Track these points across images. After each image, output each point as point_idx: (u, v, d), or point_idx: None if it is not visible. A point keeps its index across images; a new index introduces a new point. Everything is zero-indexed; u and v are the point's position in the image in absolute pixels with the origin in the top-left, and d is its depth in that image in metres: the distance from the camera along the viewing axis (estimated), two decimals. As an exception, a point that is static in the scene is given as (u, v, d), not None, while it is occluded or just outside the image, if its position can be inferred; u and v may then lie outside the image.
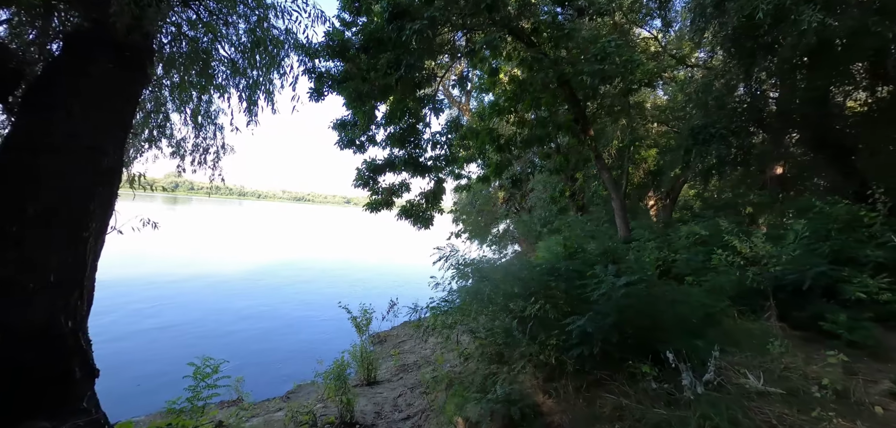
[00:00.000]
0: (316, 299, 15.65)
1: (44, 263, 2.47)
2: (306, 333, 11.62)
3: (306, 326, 12.21)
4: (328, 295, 16.24)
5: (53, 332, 2.45)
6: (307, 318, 13.03)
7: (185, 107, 7.23)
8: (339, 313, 12.91)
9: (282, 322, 12.43)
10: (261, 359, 9.82)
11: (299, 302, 15.06)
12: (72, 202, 2.67)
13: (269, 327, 11.83)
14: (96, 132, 2.97)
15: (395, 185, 9.40)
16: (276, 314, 13.24)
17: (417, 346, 8.78)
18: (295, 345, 10.70)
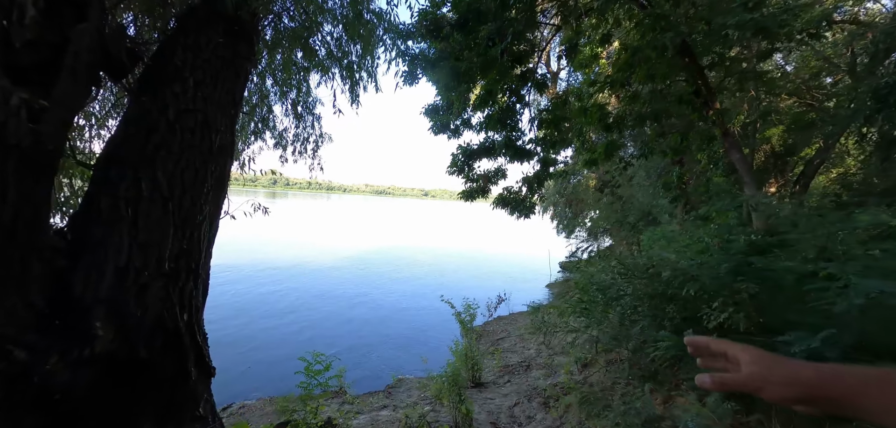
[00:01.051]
0: (409, 289, 15.69)
1: (159, 249, 2.20)
2: (401, 323, 11.55)
3: (401, 316, 12.17)
4: (421, 285, 16.21)
5: (169, 325, 2.18)
6: (402, 308, 13.02)
7: (287, 98, 7.25)
8: (432, 304, 12.70)
9: (377, 311, 12.55)
10: (357, 346, 9.88)
11: (393, 292, 15.20)
12: (186, 182, 2.40)
13: (364, 316, 11.98)
14: (209, 107, 2.71)
15: (491, 171, 8.75)
16: (371, 303, 13.43)
17: (518, 344, 8.10)
18: (390, 335, 10.65)
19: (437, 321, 11.89)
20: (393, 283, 16.54)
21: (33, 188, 1.94)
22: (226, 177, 2.77)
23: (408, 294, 14.90)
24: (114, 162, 2.29)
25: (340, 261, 21.03)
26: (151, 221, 2.22)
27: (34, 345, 1.83)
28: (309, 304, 12.98)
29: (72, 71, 2.16)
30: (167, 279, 2.23)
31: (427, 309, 12.98)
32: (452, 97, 8.05)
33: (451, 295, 15.74)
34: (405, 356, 9.25)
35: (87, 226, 2.12)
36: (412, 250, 26.85)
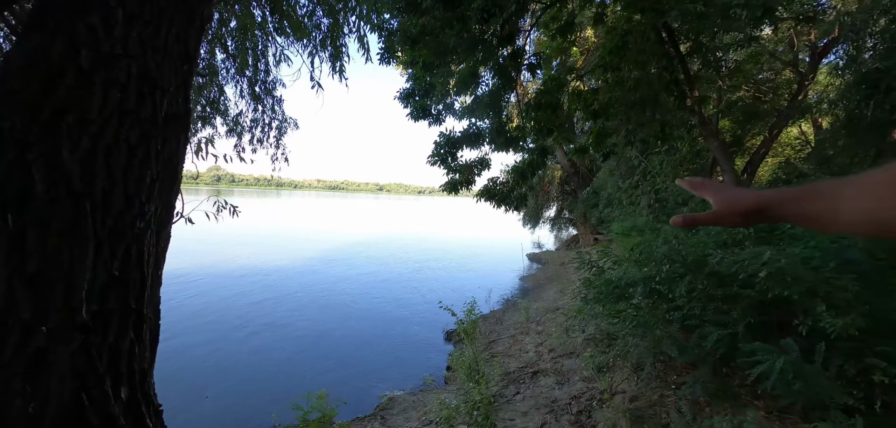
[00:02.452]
0: (379, 289, 14.70)
1: (67, 283, 1.27)
2: (375, 327, 10.61)
3: (374, 319, 11.22)
4: (392, 284, 15.26)
5: (91, 415, 1.26)
6: (375, 310, 12.05)
7: (243, 74, 6.16)
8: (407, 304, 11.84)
9: (348, 316, 11.50)
10: (328, 357, 8.85)
11: (362, 293, 14.14)
12: (114, 167, 1.46)
13: (333, 322, 10.92)
14: (149, 54, 1.76)
15: (475, 161, 8.05)
16: (339, 306, 12.35)
17: (513, 346, 7.49)
18: (365, 341, 9.70)
19: (413, 321, 11.08)
20: (361, 283, 15.47)
21: None
22: (179, 161, 1.83)
23: (379, 294, 13.93)
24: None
25: (299, 262, 19.56)
26: (53, 234, 1.28)
27: None
28: (265, 310, 11.69)
29: None
30: (86, 334, 1.30)
31: (401, 308, 12.12)
32: (434, 78, 7.24)
33: (424, 292, 14.96)
34: (385, 365, 8.38)
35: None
36: (376, 247, 25.73)
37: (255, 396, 7.07)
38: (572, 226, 26.53)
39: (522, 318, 8.99)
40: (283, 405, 6.15)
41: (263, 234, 29.70)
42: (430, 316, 11.15)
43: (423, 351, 9.11)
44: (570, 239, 25.46)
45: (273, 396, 7.05)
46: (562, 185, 25.30)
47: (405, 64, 8.31)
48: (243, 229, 28.94)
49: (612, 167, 15.25)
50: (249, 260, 18.57)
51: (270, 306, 12.07)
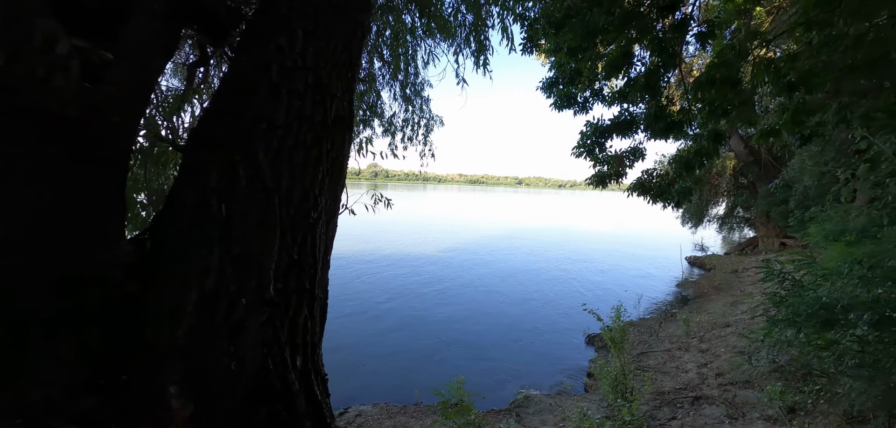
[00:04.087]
0: (520, 284, 14.67)
1: (260, 265, 1.49)
2: (515, 321, 10.61)
3: (515, 313, 11.24)
4: (533, 280, 15.09)
5: (275, 383, 1.45)
6: (515, 303, 12.08)
7: (396, 79, 6.64)
8: (547, 300, 11.44)
9: (485, 306, 11.78)
10: (468, 345, 9.16)
11: (503, 287, 14.32)
12: (295, 165, 1.67)
13: (474, 311, 11.29)
14: (322, 64, 1.98)
15: (627, 151, 7.26)
16: (479, 298, 12.73)
17: (668, 362, 6.57)
18: (503, 334, 9.76)
19: (553, 320, 10.68)
20: (500, 276, 15.63)
21: (90, 177, 1.33)
22: (344, 159, 2.02)
23: (518, 288, 13.87)
24: (203, 143, 1.64)
25: (442, 251, 20.74)
26: (251, 223, 1.51)
27: (84, 417, 1.21)
28: (411, 295, 12.71)
29: (147, 11, 1.53)
30: (272, 309, 1.51)
31: (541, 305, 11.82)
32: (580, 63, 6.74)
33: (565, 290, 14.34)
34: (521, 361, 8.27)
35: (169, 233, 1.48)
36: (516, 241, 25.69)
37: (399, 373, 7.76)
38: (749, 226, 22.02)
39: (681, 331, 7.81)
40: (425, 384, 6.57)
41: (411, 224, 32.50)
42: (572, 316, 10.59)
43: (562, 352, 8.69)
44: (744, 242, 21.17)
45: (415, 375, 7.63)
46: (735, 176, 21.20)
47: (548, 52, 7.96)
48: (394, 220, 32.12)
49: (814, 153, 12.07)
50: (398, 248, 20.52)
51: (416, 291, 13.12)
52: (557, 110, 7.11)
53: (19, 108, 1.18)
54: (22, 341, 1.14)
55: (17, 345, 1.13)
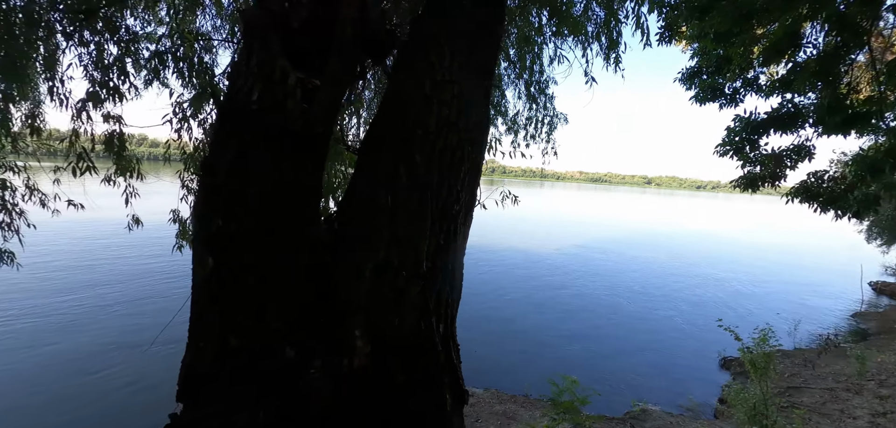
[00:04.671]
0: (652, 288, 13.66)
1: (416, 246, 1.83)
2: (636, 328, 9.97)
3: (640, 317, 10.56)
4: (666, 290, 13.90)
5: (425, 340, 1.78)
6: (642, 309, 11.34)
7: (520, 78, 6.78)
8: (681, 307, 10.49)
9: (609, 305, 11.27)
10: (587, 343, 8.92)
11: (630, 288, 13.51)
12: (443, 165, 1.98)
13: (596, 306, 10.91)
14: (465, 77, 2.27)
15: (787, 149, 6.21)
16: (602, 295, 12.22)
17: (829, 402, 5.49)
18: (622, 341, 9.25)
19: (682, 333, 9.70)
20: (626, 278, 14.67)
21: (304, 174, 1.81)
22: (481, 159, 2.28)
23: (644, 294, 12.88)
24: (373, 145, 2.06)
25: (563, 249, 20.21)
26: (409, 212, 1.86)
27: (303, 345, 1.68)
28: (534, 289, 12.73)
29: (339, 49, 1.98)
30: (424, 282, 1.84)
31: (669, 316, 10.82)
32: (730, 49, 5.99)
33: (700, 303, 12.79)
34: (640, 370, 7.76)
35: (350, 216, 1.92)
36: (645, 244, 23.69)
37: (512, 364, 7.94)
38: None
39: (852, 369, 6.39)
40: (536, 378, 6.65)
41: (533, 221, 32.25)
42: (704, 334, 9.47)
43: (689, 371, 7.89)
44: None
45: (527, 368, 7.73)
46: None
47: (690, 38, 7.24)
48: (517, 216, 32.24)
49: None
50: (519, 244, 20.62)
51: (535, 286, 13.12)
52: (699, 104, 6.41)
53: (266, 124, 1.70)
54: (270, 286, 1.65)
55: (270, 290, 1.64)
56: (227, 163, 1.63)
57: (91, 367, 7.00)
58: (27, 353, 7.23)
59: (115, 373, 6.88)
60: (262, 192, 1.65)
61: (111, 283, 11.31)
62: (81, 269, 12.02)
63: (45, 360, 7.04)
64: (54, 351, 7.38)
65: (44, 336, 7.86)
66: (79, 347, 7.65)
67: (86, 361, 7.14)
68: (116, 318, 9.14)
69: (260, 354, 1.65)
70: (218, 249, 1.64)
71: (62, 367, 6.89)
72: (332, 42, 2.01)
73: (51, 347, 7.56)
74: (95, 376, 6.72)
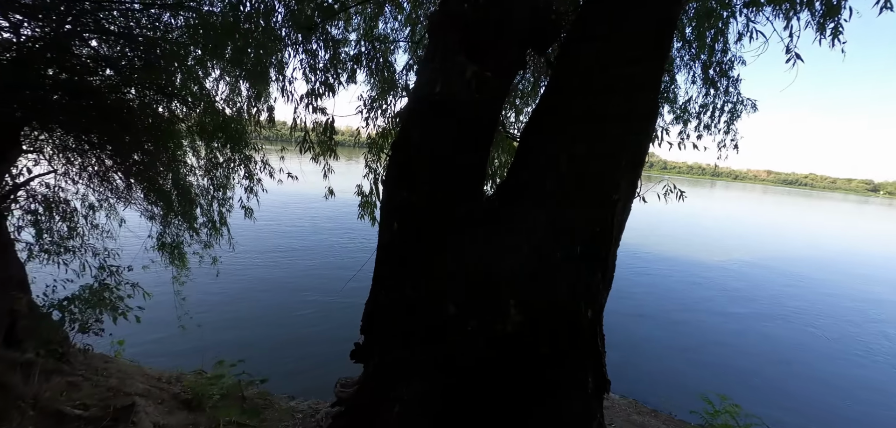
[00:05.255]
0: (839, 323, 10.90)
1: (572, 230, 1.90)
2: (831, 363, 8.05)
3: (834, 355, 8.55)
4: (867, 326, 10.90)
5: (572, 320, 1.86)
6: (838, 345, 9.18)
7: (696, 60, 6.03)
8: None
9: (796, 332, 9.37)
10: (763, 371, 7.62)
11: (827, 316, 11.01)
12: (603, 153, 1.99)
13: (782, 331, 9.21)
14: (632, 63, 2.20)
15: None
16: (791, 319, 10.23)
17: None
18: (813, 372, 7.60)
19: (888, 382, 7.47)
20: (819, 309, 11.86)
21: (474, 157, 2.05)
22: (645, 149, 2.19)
23: (843, 335, 10.24)
24: (535, 133, 2.18)
25: (744, 264, 17.27)
26: (567, 198, 1.94)
27: (462, 304, 1.93)
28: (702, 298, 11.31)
29: (509, 43, 2.15)
30: (577, 266, 1.91)
31: (872, 361, 8.39)
32: None
33: None
34: (827, 415, 6.28)
35: (509, 198, 2.09)
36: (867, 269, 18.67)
37: (658, 375, 7.23)
38: None
39: None
40: (683, 398, 5.96)
41: (701, 225, 28.22)
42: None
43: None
44: None
45: (675, 383, 6.97)
46: None
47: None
48: (677, 214, 28.64)
49: None
50: (680, 247, 18.30)
51: (698, 297, 11.59)
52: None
53: (446, 113, 1.97)
54: (440, 250, 1.95)
55: (440, 253, 1.94)
56: (414, 144, 1.96)
57: (295, 306, 8.95)
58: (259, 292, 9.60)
59: (311, 313, 8.66)
60: (439, 170, 1.94)
61: (311, 233, 14.39)
62: (289, 223, 15.32)
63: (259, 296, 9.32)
64: (272, 288, 9.70)
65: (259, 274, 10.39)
66: (282, 289, 9.86)
67: (288, 301, 9.19)
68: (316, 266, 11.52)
69: (428, 305, 1.96)
70: (402, 216, 2.00)
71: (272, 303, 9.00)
72: (503, 36, 2.19)
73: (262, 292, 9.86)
74: (297, 314, 8.58)
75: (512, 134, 3.23)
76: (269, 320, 8.15)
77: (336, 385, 2.95)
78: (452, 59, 2.02)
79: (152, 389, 4.22)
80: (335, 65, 4.13)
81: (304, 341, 7.37)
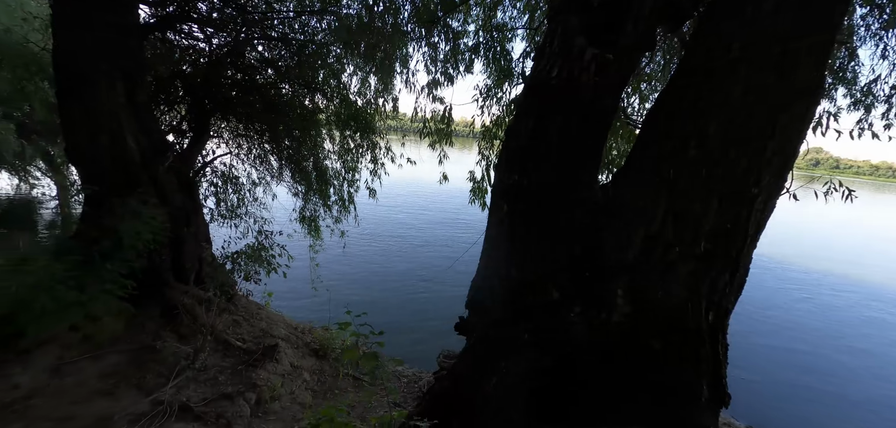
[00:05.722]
0: None
1: (695, 223, 1.74)
2: None
3: None
4: None
5: (689, 322, 1.71)
6: None
7: (888, 31, 4.93)
8: None
9: None
10: None
11: None
12: (743, 139, 1.76)
13: None
14: (790, 34, 1.88)
15: None
16: None
17: None
18: None
19: None
20: None
21: (590, 142, 1.99)
22: (799, 137, 1.87)
23: None
24: (659, 116, 2.02)
25: None
26: (692, 187, 1.78)
27: (566, 288, 1.91)
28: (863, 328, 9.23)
29: (635, 21, 2.02)
30: (698, 263, 1.74)
31: None
32: None
33: None
34: None
35: (626, 186, 1.98)
36: None
37: (797, 406, 6.10)
38: None
39: None
40: None
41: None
42: None
43: None
44: None
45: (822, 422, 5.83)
46: None
47: None
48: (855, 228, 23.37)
49: None
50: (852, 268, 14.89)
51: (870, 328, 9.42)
52: None
53: (561, 99, 1.95)
54: (548, 235, 1.95)
55: (547, 238, 1.95)
56: (528, 129, 1.98)
57: (407, 281, 9.69)
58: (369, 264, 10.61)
59: (420, 289, 9.29)
60: (553, 155, 1.93)
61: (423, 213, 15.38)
62: (405, 205, 16.53)
63: (378, 268, 10.26)
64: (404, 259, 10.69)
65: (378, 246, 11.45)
66: (396, 265, 10.70)
67: (401, 275, 9.97)
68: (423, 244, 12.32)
69: (532, 288, 1.99)
70: (512, 199, 2.05)
71: (387, 275, 9.87)
72: (630, 14, 2.06)
73: (381, 265, 10.80)
74: (407, 288, 9.28)
75: (633, 121, 3.00)
76: (383, 291, 8.95)
77: (439, 356, 3.15)
78: (571, 42, 1.98)
79: (290, 335, 5.01)
80: (455, 55, 4.33)
81: (412, 314, 7.94)
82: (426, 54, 4.85)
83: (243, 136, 5.79)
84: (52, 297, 3.00)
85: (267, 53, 5.59)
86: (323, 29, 5.47)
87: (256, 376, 3.96)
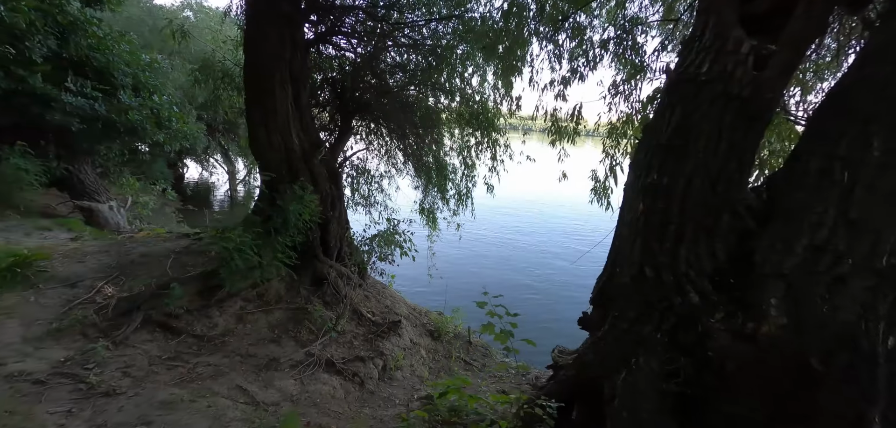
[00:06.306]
0: None
1: (877, 236, 1.54)
2: None
3: None
4: None
5: (862, 344, 1.52)
6: None
7: None
8: None
9: None
10: None
11: None
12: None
13: None
14: None
15: None
16: None
17: None
18: None
19: None
20: None
21: (743, 141, 1.87)
22: None
23: None
24: (835, 113, 1.81)
25: None
26: (875, 191, 1.58)
27: (707, 293, 1.83)
28: None
29: (807, 6, 1.84)
30: (878, 281, 1.54)
31: None
32: None
33: None
34: None
35: (787, 188, 1.83)
36: None
37: None
38: None
39: None
40: None
41: None
42: None
43: None
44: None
45: None
46: None
47: None
48: None
49: None
50: None
51: None
52: None
53: (713, 93, 1.88)
54: (689, 236, 1.90)
55: (688, 239, 1.90)
56: (672, 126, 1.94)
57: (520, 276, 9.82)
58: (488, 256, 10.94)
59: (533, 286, 9.34)
60: (699, 155, 1.87)
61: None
62: (522, 202, 16.59)
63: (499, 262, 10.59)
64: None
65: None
66: (510, 258, 10.88)
67: (515, 268, 10.15)
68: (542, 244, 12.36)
69: (669, 288, 1.95)
70: (649, 197, 2.03)
71: (500, 269, 10.11)
72: (795, 2, 1.89)
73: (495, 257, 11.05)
74: (520, 284, 9.41)
75: (794, 116, 2.65)
76: (496, 284, 9.18)
77: (554, 350, 3.20)
78: (726, 34, 1.89)
79: (410, 315, 5.49)
80: (584, 51, 4.28)
81: (523, 310, 8.02)
82: (551, 52, 4.87)
83: (375, 134, 6.50)
84: (243, 259, 3.81)
85: (398, 58, 6.19)
86: (448, 33, 5.85)
87: (383, 346, 4.47)
